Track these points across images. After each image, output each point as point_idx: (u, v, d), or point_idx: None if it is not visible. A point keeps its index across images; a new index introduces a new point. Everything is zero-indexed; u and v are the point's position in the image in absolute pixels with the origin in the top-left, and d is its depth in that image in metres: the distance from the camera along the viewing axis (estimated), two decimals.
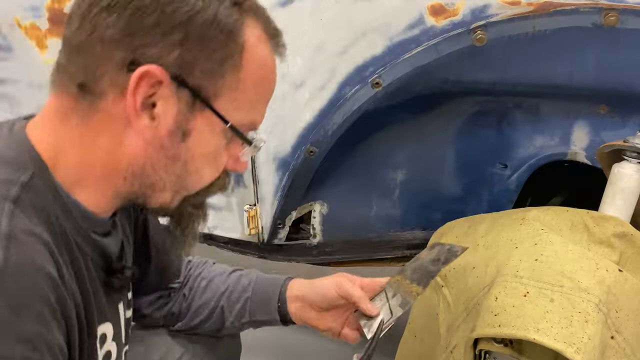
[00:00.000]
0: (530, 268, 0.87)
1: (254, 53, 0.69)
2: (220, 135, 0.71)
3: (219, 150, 0.73)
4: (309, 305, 1.03)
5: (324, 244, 1.48)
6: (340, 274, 1.03)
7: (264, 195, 1.38)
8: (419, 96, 1.22)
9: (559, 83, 1.10)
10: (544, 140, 1.24)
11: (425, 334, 1.12)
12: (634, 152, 0.98)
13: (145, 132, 0.67)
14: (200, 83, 0.67)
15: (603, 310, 0.80)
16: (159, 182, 0.71)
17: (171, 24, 0.64)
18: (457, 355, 0.92)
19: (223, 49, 0.67)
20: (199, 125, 0.69)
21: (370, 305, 0.98)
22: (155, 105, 0.66)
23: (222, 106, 0.69)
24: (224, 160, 0.75)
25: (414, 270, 1.01)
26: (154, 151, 0.69)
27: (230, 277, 1.09)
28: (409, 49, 1.12)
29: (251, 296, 1.05)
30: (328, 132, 1.24)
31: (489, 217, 1.10)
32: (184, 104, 0.67)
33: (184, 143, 0.69)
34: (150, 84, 0.65)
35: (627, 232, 0.93)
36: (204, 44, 0.66)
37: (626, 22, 0.99)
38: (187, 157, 0.70)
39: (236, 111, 0.70)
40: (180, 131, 0.68)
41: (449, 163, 1.37)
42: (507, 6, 1.04)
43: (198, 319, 1.06)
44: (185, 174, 0.72)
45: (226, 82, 0.68)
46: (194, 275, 1.09)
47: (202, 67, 0.66)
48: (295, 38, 1.20)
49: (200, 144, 0.70)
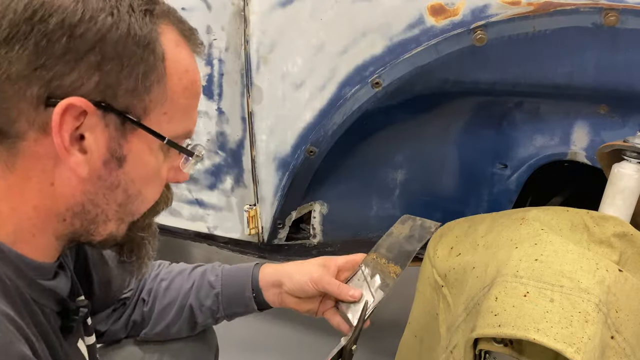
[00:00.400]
0: (530, 268, 0.86)
1: (176, 60, 0.66)
2: (158, 152, 0.68)
3: (159, 167, 0.70)
4: (286, 292, 1.03)
5: (324, 244, 1.48)
6: (315, 265, 1.02)
7: (264, 195, 1.38)
8: (419, 96, 1.22)
9: (559, 83, 1.10)
10: (544, 140, 1.24)
11: (425, 334, 1.12)
12: (634, 152, 0.98)
13: (79, 168, 0.63)
14: (127, 104, 0.63)
15: (603, 310, 0.80)
16: (101, 215, 0.68)
17: (84, 47, 0.60)
18: (457, 355, 0.92)
19: (144, 63, 0.63)
20: (134, 147, 0.65)
21: (351, 293, 0.98)
22: (84, 137, 0.62)
23: (154, 122, 0.66)
24: (165, 175, 0.72)
25: (389, 247, 1.02)
26: (91, 185, 0.65)
27: (193, 273, 1.06)
28: (409, 49, 1.12)
29: (221, 291, 1.04)
30: (328, 132, 1.24)
31: (489, 217, 1.10)
32: (114, 129, 0.63)
33: (121, 169, 0.66)
34: (74, 117, 0.60)
35: (627, 232, 0.93)
36: (123, 62, 0.62)
37: (626, 22, 0.99)
38: (127, 183, 0.67)
39: (169, 124, 0.67)
40: (115, 158, 0.65)
41: (449, 163, 1.37)
42: (507, 6, 1.04)
43: (164, 322, 1.03)
44: (128, 200, 0.69)
45: (154, 97, 0.65)
46: (151, 277, 1.06)
47: (126, 87, 0.62)
48: (295, 38, 1.20)
49: (138, 166, 0.67)
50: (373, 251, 1.04)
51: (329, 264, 1.03)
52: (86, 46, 0.60)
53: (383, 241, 1.05)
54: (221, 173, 1.42)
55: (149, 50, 0.63)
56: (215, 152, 1.40)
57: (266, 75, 1.25)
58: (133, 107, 0.64)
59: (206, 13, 1.26)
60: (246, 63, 1.26)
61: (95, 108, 0.61)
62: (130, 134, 0.65)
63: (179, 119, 0.69)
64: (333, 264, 1.03)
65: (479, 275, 0.94)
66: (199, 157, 0.74)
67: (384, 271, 0.98)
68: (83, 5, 0.60)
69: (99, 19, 0.60)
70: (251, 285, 1.04)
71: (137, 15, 0.63)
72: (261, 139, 1.32)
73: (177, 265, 1.09)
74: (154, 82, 0.64)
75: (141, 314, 1.04)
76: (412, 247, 0.98)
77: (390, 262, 0.99)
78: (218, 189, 1.44)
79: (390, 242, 1.03)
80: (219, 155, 1.40)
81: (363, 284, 1.00)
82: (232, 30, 1.26)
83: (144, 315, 1.04)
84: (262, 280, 1.04)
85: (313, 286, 1.00)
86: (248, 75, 1.27)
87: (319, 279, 1.00)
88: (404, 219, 1.08)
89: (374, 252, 1.03)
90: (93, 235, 0.69)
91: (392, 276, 0.97)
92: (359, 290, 0.99)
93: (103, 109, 0.62)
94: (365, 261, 1.03)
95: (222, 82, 1.32)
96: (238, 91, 1.30)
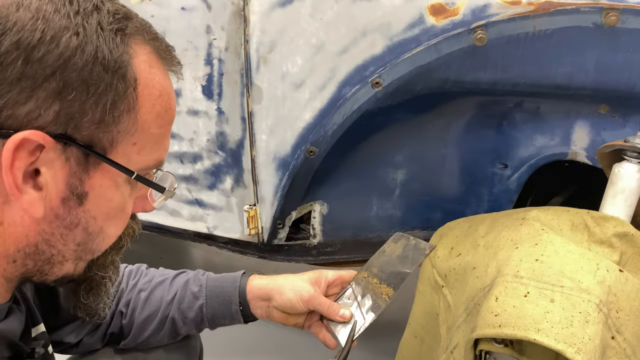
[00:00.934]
0: (531, 268, 0.86)
1: (149, 85, 0.59)
2: (124, 186, 0.62)
3: (124, 201, 0.63)
4: (274, 307, 1.00)
5: (324, 244, 1.48)
6: (307, 281, 0.99)
7: (264, 195, 1.37)
8: (419, 96, 1.21)
9: (559, 83, 1.10)
10: (544, 140, 1.24)
11: (425, 334, 1.12)
12: (634, 152, 0.98)
13: (32, 207, 0.56)
14: (91, 136, 0.56)
15: (604, 311, 0.80)
16: (57, 256, 0.61)
17: (42, 72, 0.52)
18: (458, 356, 0.91)
19: (113, 91, 0.56)
20: (97, 183, 0.59)
21: (341, 314, 0.96)
22: (39, 172, 0.55)
23: (121, 154, 0.59)
24: (130, 208, 0.66)
25: (381, 267, 1.00)
26: (46, 225, 0.58)
27: (174, 283, 1.01)
28: (409, 48, 1.12)
29: (206, 302, 0.99)
30: (328, 132, 1.24)
31: (490, 217, 1.10)
32: (76, 164, 0.57)
33: (82, 207, 0.59)
34: (29, 152, 0.53)
35: (627, 232, 0.93)
36: (89, 90, 0.54)
37: (626, 22, 0.99)
38: (88, 220, 0.60)
39: (139, 155, 0.61)
40: (75, 195, 0.58)
41: (449, 163, 1.37)
42: (508, 6, 1.04)
43: (145, 334, 0.99)
44: (88, 239, 0.62)
45: (122, 127, 0.58)
46: (129, 287, 1.01)
47: (91, 118, 0.55)
48: (295, 38, 1.20)
49: (102, 202, 0.60)
50: (364, 269, 1.02)
51: (320, 279, 1.00)
52: (45, 71, 0.52)
53: (375, 260, 1.03)
54: (221, 173, 1.42)
55: (119, 75, 0.56)
56: (215, 152, 1.40)
57: (266, 75, 1.25)
58: (98, 140, 0.57)
59: (206, 13, 1.26)
60: (246, 63, 1.26)
61: (55, 142, 0.54)
62: (94, 169, 0.58)
63: (150, 149, 0.62)
64: (324, 280, 1.00)
65: (479, 275, 0.94)
66: (170, 192, 0.67)
67: (376, 292, 0.97)
68: (44, 23, 0.53)
69: (61, 41, 0.53)
70: (238, 297, 0.99)
71: (106, 36, 0.55)
72: (261, 139, 1.32)
73: (157, 273, 1.04)
74: (124, 112, 0.57)
75: (119, 327, 0.99)
76: (406, 269, 0.97)
77: (383, 283, 0.97)
78: (218, 189, 1.44)
79: (383, 262, 1.01)
80: (219, 155, 1.40)
81: (353, 303, 0.98)
82: (232, 30, 1.25)
83: (122, 327, 0.99)
84: (249, 293, 1.00)
85: (304, 305, 0.97)
86: (248, 75, 1.26)
87: (310, 299, 0.97)
88: (396, 237, 1.06)
89: (366, 271, 1.01)
90: (47, 275, 0.63)
91: (384, 297, 0.96)
92: (349, 312, 0.97)
93: (63, 143, 0.55)
94: (356, 279, 1.01)
95: (222, 82, 1.31)
96: (238, 91, 1.30)
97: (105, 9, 0.57)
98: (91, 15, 0.55)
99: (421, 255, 0.99)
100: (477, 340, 0.87)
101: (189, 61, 1.32)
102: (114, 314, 0.99)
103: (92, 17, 0.55)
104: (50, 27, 0.53)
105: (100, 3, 0.57)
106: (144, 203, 0.68)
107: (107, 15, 0.57)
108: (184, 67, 1.31)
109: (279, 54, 1.22)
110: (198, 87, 1.34)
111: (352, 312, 0.97)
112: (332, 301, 0.99)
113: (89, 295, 0.72)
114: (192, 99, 1.35)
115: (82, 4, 0.56)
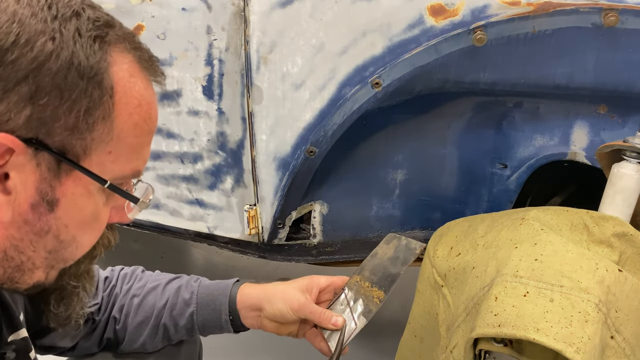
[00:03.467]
0: (530, 268, 0.87)
1: (128, 94, 0.59)
2: (98, 195, 0.61)
3: (98, 211, 0.62)
4: (265, 317, 0.98)
5: (324, 244, 1.48)
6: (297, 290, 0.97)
7: (264, 195, 1.38)
8: (419, 96, 1.22)
9: (559, 83, 1.10)
10: (543, 140, 1.24)
11: (425, 333, 1.12)
12: (634, 152, 0.98)
13: (0, 211, 0.55)
14: (64, 142, 0.55)
15: (603, 310, 0.80)
16: (27, 263, 0.60)
17: (15, 75, 0.52)
18: (457, 355, 0.92)
19: (87, 97, 0.55)
20: (69, 190, 0.58)
21: (333, 321, 0.95)
22: (9, 176, 0.54)
23: (95, 163, 0.58)
24: (105, 218, 0.64)
25: (372, 270, 1.00)
26: (15, 230, 0.57)
27: (167, 289, 1.00)
28: (409, 49, 1.12)
29: (197, 310, 0.98)
30: (328, 132, 1.24)
31: (489, 217, 1.10)
32: (47, 169, 0.56)
33: (52, 213, 0.58)
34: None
35: (627, 232, 0.93)
36: (63, 96, 0.54)
37: (626, 22, 0.99)
38: (59, 228, 0.59)
39: (114, 164, 0.60)
40: (46, 201, 0.57)
41: (448, 163, 1.37)
42: (507, 6, 1.04)
43: (141, 339, 0.98)
44: (60, 247, 0.61)
45: (97, 135, 0.57)
46: (123, 292, 1.00)
47: (64, 124, 0.54)
48: (295, 38, 1.20)
49: (73, 210, 0.59)
50: (357, 273, 1.02)
51: (311, 286, 0.99)
52: (18, 75, 0.52)
53: (367, 262, 1.02)
54: (221, 173, 1.42)
55: (95, 82, 0.55)
56: (216, 152, 1.40)
57: (266, 76, 1.25)
58: (71, 146, 0.56)
59: (206, 13, 1.27)
60: (246, 63, 1.26)
61: (25, 146, 0.53)
62: (66, 176, 0.57)
63: (126, 159, 0.61)
64: (315, 287, 0.99)
65: (478, 275, 0.94)
66: (144, 204, 0.65)
67: (368, 296, 0.97)
68: (19, 27, 0.52)
69: (36, 44, 0.52)
70: (228, 307, 0.98)
71: (84, 42, 0.55)
72: (261, 139, 1.32)
73: (151, 278, 1.03)
74: (99, 119, 0.56)
75: (114, 332, 0.98)
76: (396, 271, 0.96)
77: (374, 286, 0.97)
78: (218, 189, 1.44)
79: (375, 264, 1.00)
80: (219, 155, 1.40)
81: (345, 309, 0.98)
82: (233, 30, 1.26)
83: (117, 333, 0.99)
84: (240, 303, 0.99)
85: (294, 314, 0.96)
86: (248, 76, 1.27)
87: (301, 307, 0.96)
88: (389, 238, 1.06)
89: (358, 275, 1.01)
90: (18, 283, 0.61)
91: (375, 301, 0.95)
92: (342, 318, 0.96)
93: (34, 147, 0.54)
94: (349, 284, 1.00)
95: (222, 82, 1.32)
96: (238, 91, 1.30)
97: (86, 15, 0.57)
98: (69, 21, 0.55)
99: (411, 255, 0.98)
100: (477, 339, 0.87)
101: (189, 61, 1.32)
102: (109, 319, 0.99)
103: (70, 23, 0.55)
104: (25, 30, 0.52)
105: (81, 10, 0.57)
106: (120, 213, 0.66)
107: (86, 21, 0.56)
108: (184, 67, 1.32)
109: (279, 54, 1.22)
110: (198, 87, 1.34)
111: (344, 319, 0.96)
112: (323, 309, 0.97)
113: (59, 305, 0.70)
114: (192, 99, 1.36)
115: (62, 10, 0.55)
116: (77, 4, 0.57)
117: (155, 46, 1.33)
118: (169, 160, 1.45)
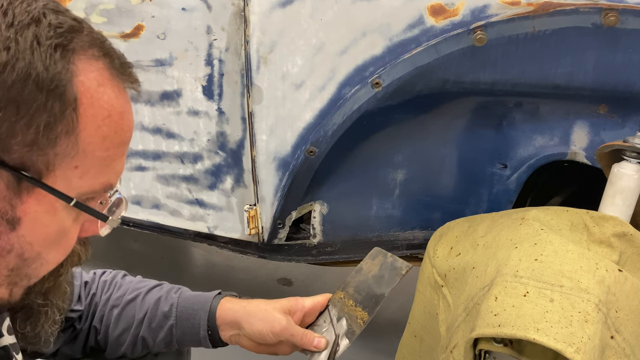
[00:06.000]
0: (530, 268, 0.87)
1: (95, 105, 0.54)
2: (64, 212, 0.57)
3: (65, 227, 0.59)
4: (244, 335, 0.96)
5: (324, 244, 1.48)
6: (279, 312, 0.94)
7: (264, 195, 1.38)
8: (419, 96, 1.22)
9: (559, 83, 1.10)
10: (543, 140, 1.24)
11: (425, 333, 1.12)
12: (634, 152, 0.98)
13: None
14: (23, 159, 0.52)
15: (603, 310, 0.80)
16: None
17: None
18: (457, 355, 0.92)
19: (47, 111, 0.51)
20: (32, 208, 0.54)
21: (315, 344, 0.93)
22: None
23: (60, 178, 0.54)
24: (75, 234, 0.61)
25: (357, 288, 0.99)
26: None
27: (146, 300, 0.98)
28: (409, 49, 1.12)
29: (176, 323, 0.96)
30: (328, 132, 1.24)
31: (489, 217, 1.10)
32: (6, 188, 0.52)
33: (14, 232, 0.55)
34: None
35: (626, 232, 0.93)
36: (19, 110, 0.50)
37: (626, 22, 0.99)
38: (22, 246, 0.56)
39: (82, 179, 0.56)
40: (6, 220, 0.54)
41: (448, 163, 1.37)
42: (507, 6, 1.04)
43: (122, 349, 0.97)
44: (23, 264, 0.58)
45: (60, 150, 0.53)
46: (102, 302, 0.98)
47: (22, 140, 0.51)
48: (295, 38, 1.20)
49: (37, 228, 0.56)
50: (341, 289, 1.00)
51: (295, 309, 0.96)
52: None
53: (352, 278, 1.01)
54: (221, 173, 1.42)
55: (56, 95, 0.51)
56: (216, 152, 1.40)
57: (266, 76, 1.25)
58: (32, 163, 0.52)
59: (206, 13, 1.27)
60: (246, 63, 1.26)
61: None
62: (27, 193, 0.54)
63: (95, 173, 0.57)
64: (300, 310, 0.96)
65: (478, 275, 0.94)
66: (114, 222, 0.61)
67: (351, 315, 0.96)
68: None
69: None
70: (207, 322, 0.96)
71: (43, 51, 0.50)
72: (261, 139, 1.32)
73: (130, 287, 1.00)
74: (61, 134, 0.52)
75: (96, 342, 0.98)
76: (381, 291, 0.95)
77: (358, 306, 0.96)
78: (218, 189, 1.44)
79: (359, 281, 0.99)
80: (219, 155, 1.40)
81: (329, 327, 0.96)
82: (232, 30, 1.26)
83: (99, 343, 0.98)
84: (219, 318, 0.96)
85: (275, 336, 0.93)
86: (248, 76, 1.27)
87: (282, 330, 0.93)
88: (374, 253, 1.04)
89: (342, 291, 1.00)
90: None
91: (359, 322, 0.94)
92: (324, 340, 0.94)
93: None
94: (333, 300, 0.99)
95: (222, 82, 1.32)
96: (238, 91, 1.30)
97: (47, 21, 0.52)
98: (27, 28, 0.51)
99: (397, 275, 0.97)
100: (477, 339, 0.87)
101: (189, 61, 1.32)
102: (90, 328, 0.98)
103: (27, 31, 0.51)
104: None
105: (41, 15, 0.52)
106: (93, 227, 0.63)
107: (47, 28, 0.52)
108: (184, 67, 1.32)
109: (279, 54, 1.23)
110: (198, 87, 1.34)
111: (327, 340, 0.94)
112: (305, 330, 0.95)
113: (25, 325, 0.68)
114: (192, 99, 1.36)
115: (19, 17, 0.51)
116: (37, 9, 0.52)
117: (155, 46, 1.33)
118: (169, 160, 1.46)
